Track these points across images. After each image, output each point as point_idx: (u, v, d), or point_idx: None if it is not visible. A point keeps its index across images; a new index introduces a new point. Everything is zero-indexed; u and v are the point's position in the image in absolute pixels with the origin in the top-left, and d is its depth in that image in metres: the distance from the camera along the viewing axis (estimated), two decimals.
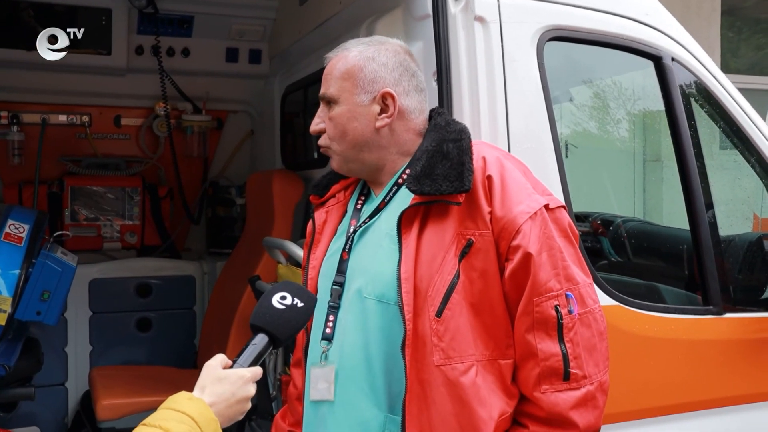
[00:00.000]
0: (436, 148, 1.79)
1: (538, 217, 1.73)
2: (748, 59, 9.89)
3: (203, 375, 1.55)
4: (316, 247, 1.99)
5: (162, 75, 4.23)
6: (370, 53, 1.86)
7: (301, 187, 3.66)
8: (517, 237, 1.71)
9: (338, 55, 1.89)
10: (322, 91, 1.88)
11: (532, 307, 1.71)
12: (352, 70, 1.84)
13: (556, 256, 1.74)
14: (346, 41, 1.93)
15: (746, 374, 2.64)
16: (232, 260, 4.20)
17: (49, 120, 4.36)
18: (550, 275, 1.72)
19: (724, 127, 2.75)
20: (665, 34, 2.60)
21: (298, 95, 3.86)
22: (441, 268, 1.72)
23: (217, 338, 3.82)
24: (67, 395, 4.24)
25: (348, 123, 1.84)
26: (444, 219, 1.75)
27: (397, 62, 1.87)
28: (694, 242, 2.56)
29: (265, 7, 4.18)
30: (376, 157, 1.87)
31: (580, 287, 1.76)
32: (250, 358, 1.57)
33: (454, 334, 1.71)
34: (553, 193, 1.90)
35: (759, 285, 2.86)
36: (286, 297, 1.64)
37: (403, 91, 1.85)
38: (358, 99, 1.84)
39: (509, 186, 1.76)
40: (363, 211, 1.93)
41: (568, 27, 2.42)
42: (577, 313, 1.73)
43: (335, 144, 1.87)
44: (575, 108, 4.61)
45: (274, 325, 1.60)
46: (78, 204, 4.43)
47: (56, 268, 3.34)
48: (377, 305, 1.77)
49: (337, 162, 1.91)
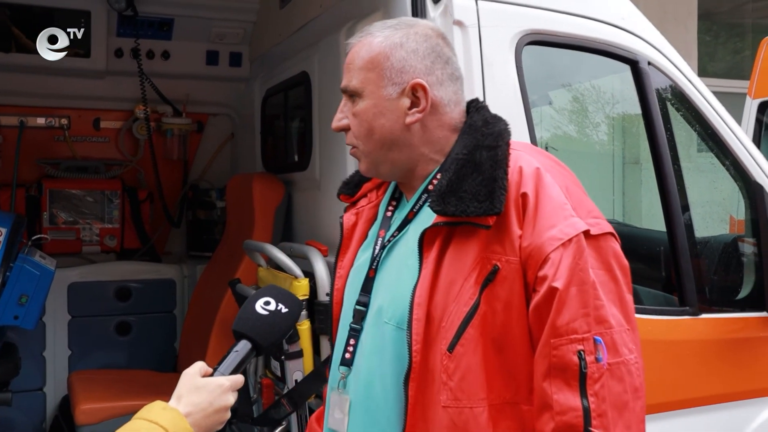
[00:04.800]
0: (467, 156, 1.57)
1: (571, 245, 1.48)
2: (726, 63, 10.00)
3: (180, 383, 1.50)
4: (344, 255, 1.80)
5: (142, 77, 4.22)
6: (397, 38, 1.62)
7: (282, 190, 3.66)
8: (544, 266, 1.47)
9: (361, 42, 1.66)
10: (344, 83, 1.66)
11: (550, 349, 1.46)
12: (377, 58, 1.62)
13: (587, 293, 1.47)
14: (370, 25, 1.70)
15: (722, 374, 2.67)
16: (213, 263, 4.19)
17: (27, 123, 4.32)
18: (576, 315, 1.46)
19: (700, 131, 2.79)
20: (641, 39, 2.63)
21: (279, 98, 3.86)
22: (458, 297, 1.51)
23: (198, 342, 3.81)
24: (45, 400, 4.21)
25: (374, 119, 1.62)
26: (468, 240, 1.53)
27: (429, 48, 1.64)
28: (670, 244, 2.59)
29: (245, 10, 4.18)
30: (406, 156, 1.65)
31: (613, 332, 1.48)
32: (232, 366, 1.53)
33: (465, 373, 1.49)
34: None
35: (734, 286, 2.90)
36: (270, 302, 1.59)
37: (436, 81, 1.63)
38: (384, 92, 1.62)
39: (543, 206, 1.51)
40: (394, 219, 1.73)
41: (545, 31, 2.44)
42: (606, 363, 1.46)
43: (362, 143, 1.66)
44: (554, 111, 4.66)
45: (256, 331, 1.56)
46: (56, 207, 4.40)
47: (34, 271, 3.32)
48: (395, 332, 1.57)
49: (366, 165, 1.70)
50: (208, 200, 4.64)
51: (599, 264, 1.51)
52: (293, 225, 3.66)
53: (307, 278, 2.74)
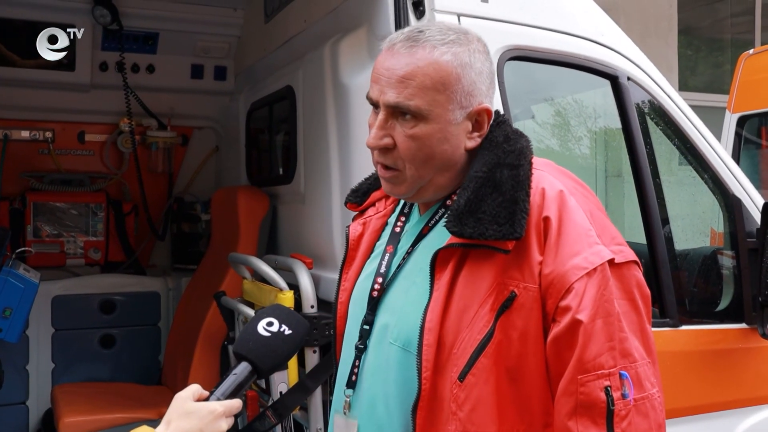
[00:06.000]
0: (488, 175, 1.46)
1: (597, 275, 1.39)
2: (706, 77, 10.13)
3: (171, 407, 1.40)
4: (348, 267, 1.71)
5: (127, 91, 4.22)
6: (466, 57, 1.47)
7: (266, 202, 3.67)
8: (567, 297, 1.38)
9: (420, 54, 1.46)
10: (398, 100, 1.45)
11: (577, 386, 1.36)
12: (448, 79, 1.45)
13: (613, 325, 1.38)
14: (414, 30, 1.50)
15: (703, 385, 2.70)
16: (197, 276, 4.19)
17: (11, 136, 4.32)
18: (603, 349, 1.37)
19: (679, 145, 2.83)
20: (621, 54, 2.68)
21: (264, 112, 3.88)
22: (472, 324, 1.42)
23: (183, 354, 3.81)
24: (28, 414, 4.18)
25: (438, 145, 1.47)
26: (484, 264, 1.43)
27: (489, 68, 1.52)
28: (650, 256, 2.63)
29: (230, 24, 4.21)
30: (453, 178, 1.53)
31: (637, 366, 1.40)
32: (229, 390, 1.45)
33: (476, 404, 1.40)
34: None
35: (714, 298, 2.94)
36: (273, 323, 1.51)
37: (491, 103, 1.52)
38: (452, 116, 1.47)
39: (567, 232, 1.42)
40: (403, 235, 1.63)
41: (527, 47, 2.48)
42: (632, 399, 1.37)
43: (413, 168, 1.49)
44: (537, 125, 4.70)
45: (257, 354, 1.47)
46: (41, 220, 4.39)
47: (18, 284, 3.33)
48: (401, 354, 1.49)
49: (406, 189, 1.53)
50: (192, 213, 4.64)
51: (622, 294, 1.43)
52: (278, 238, 3.68)
53: (291, 291, 2.76)
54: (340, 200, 2.83)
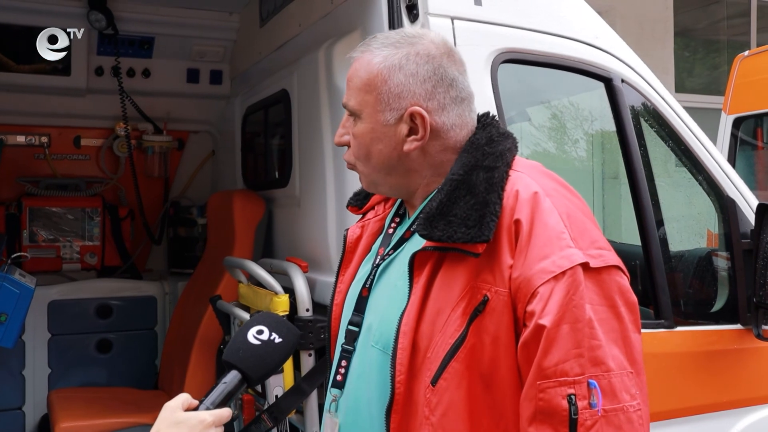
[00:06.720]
0: (463, 177, 1.46)
1: (565, 279, 1.35)
2: (703, 79, 10.15)
3: (160, 417, 1.39)
4: (345, 269, 1.73)
5: (122, 95, 4.23)
6: (396, 60, 1.50)
7: (262, 206, 3.67)
8: (532, 301, 1.35)
9: (361, 58, 1.55)
10: (344, 100, 1.58)
11: (536, 392, 1.34)
12: (374, 81, 1.51)
13: (581, 332, 1.34)
14: (371, 37, 1.58)
15: (698, 386, 2.70)
16: (194, 280, 4.19)
17: (7, 141, 4.33)
18: (568, 355, 1.33)
19: (674, 146, 2.83)
20: (615, 57, 2.68)
21: (259, 116, 3.89)
22: (444, 328, 1.41)
23: (179, 359, 3.80)
24: (24, 419, 4.18)
25: (372, 144, 1.53)
26: (458, 267, 1.42)
27: (430, 70, 1.51)
28: (645, 258, 2.63)
29: (225, 28, 4.21)
30: (406, 181, 1.56)
31: (611, 375, 1.34)
32: (219, 398, 1.44)
33: (447, 409, 1.39)
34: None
35: (709, 299, 2.94)
36: (263, 331, 1.50)
37: (437, 107, 1.51)
38: (382, 117, 1.51)
39: (537, 234, 1.39)
40: (394, 236, 1.65)
41: (521, 50, 2.48)
42: (601, 409, 1.32)
43: (360, 164, 1.59)
44: (533, 128, 4.70)
45: (246, 362, 1.47)
46: (37, 225, 4.39)
47: (14, 290, 3.32)
48: (380, 356, 1.49)
49: (365, 183, 1.63)
50: (188, 217, 4.65)
51: (600, 300, 1.38)
52: (274, 241, 3.68)
53: (287, 294, 2.76)
54: (335, 204, 2.83)
